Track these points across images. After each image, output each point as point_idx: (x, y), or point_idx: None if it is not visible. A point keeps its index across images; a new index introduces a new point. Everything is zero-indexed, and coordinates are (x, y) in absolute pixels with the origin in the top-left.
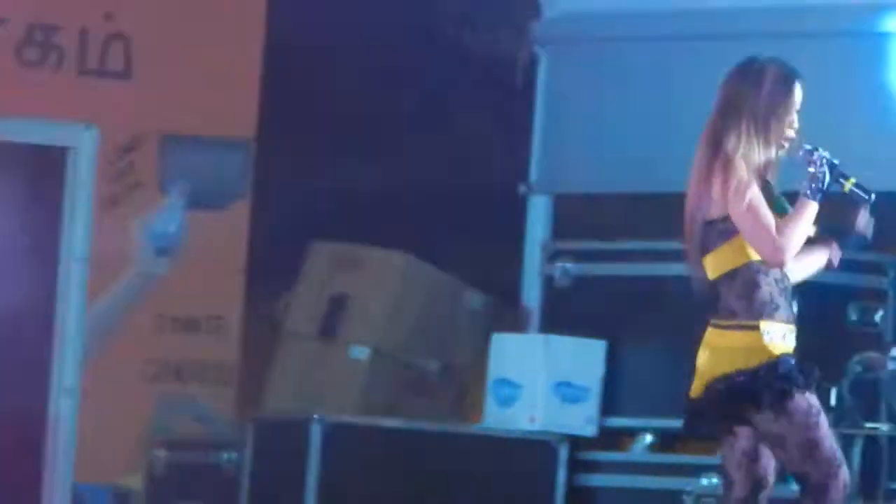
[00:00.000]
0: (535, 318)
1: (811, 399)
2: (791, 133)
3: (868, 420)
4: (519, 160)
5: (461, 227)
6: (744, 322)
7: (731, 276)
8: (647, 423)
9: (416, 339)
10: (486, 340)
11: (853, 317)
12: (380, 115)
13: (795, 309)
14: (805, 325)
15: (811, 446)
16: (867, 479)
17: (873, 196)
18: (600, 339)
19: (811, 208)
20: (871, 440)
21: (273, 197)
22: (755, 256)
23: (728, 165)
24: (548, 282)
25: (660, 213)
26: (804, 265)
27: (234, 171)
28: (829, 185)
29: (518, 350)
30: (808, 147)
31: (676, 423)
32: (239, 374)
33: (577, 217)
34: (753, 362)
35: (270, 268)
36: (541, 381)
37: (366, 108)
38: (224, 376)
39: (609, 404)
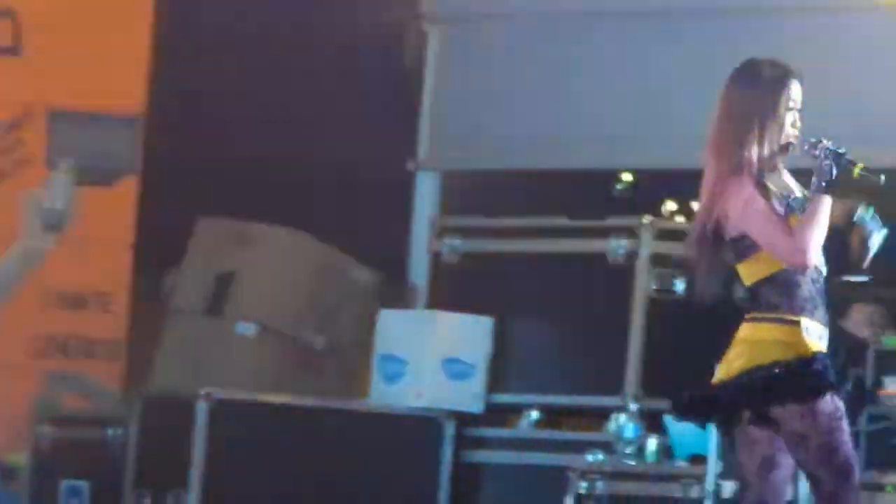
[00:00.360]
0: (422, 294)
1: (837, 402)
2: (794, 132)
3: None
4: (408, 137)
5: (349, 204)
6: (785, 316)
7: (770, 279)
8: (534, 400)
9: (303, 315)
10: (373, 316)
11: (740, 292)
12: (269, 91)
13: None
14: (692, 302)
15: (830, 450)
16: None
17: (883, 178)
18: (487, 316)
19: (825, 203)
20: None
21: (161, 173)
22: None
23: (733, 184)
24: (435, 258)
25: (548, 190)
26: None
27: (123, 147)
28: (837, 175)
29: (405, 326)
30: (812, 140)
31: (563, 400)
32: (126, 351)
33: (465, 194)
34: (791, 355)
35: (158, 244)
36: (428, 358)
37: (255, 86)
38: (111, 353)
39: (496, 381)
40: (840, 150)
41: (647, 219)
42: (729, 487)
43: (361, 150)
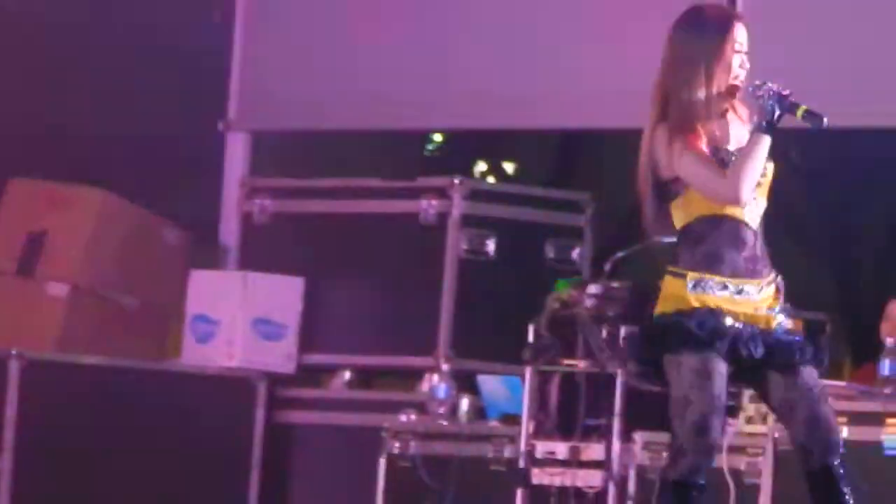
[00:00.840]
0: (233, 255)
1: (710, 361)
2: (742, 73)
3: (565, 356)
4: (218, 97)
5: (160, 165)
6: (677, 269)
7: (685, 230)
8: (346, 360)
9: (114, 275)
10: (184, 277)
11: (550, 254)
12: (78, 49)
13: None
14: (503, 262)
15: (685, 404)
16: (565, 415)
17: (826, 120)
18: (299, 277)
19: (763, 142)
20: (568, 377)
21: None
22: (709, 212)
23: (659, 130)
24: (246, 219)
25: (359, 150)
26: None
27: None
28: (779, 116)
29: (216, 287)
30: (757, 82)
31: (374, 360)
32: None
33: (276, 154)
34: (671, 308)
35: None
36: (239, 318)
37: (62, 44)
38: None
39: (308, 341)
40: (784, 92)
41: (457, 179)
42: (542, 447)
43: (172, 111)
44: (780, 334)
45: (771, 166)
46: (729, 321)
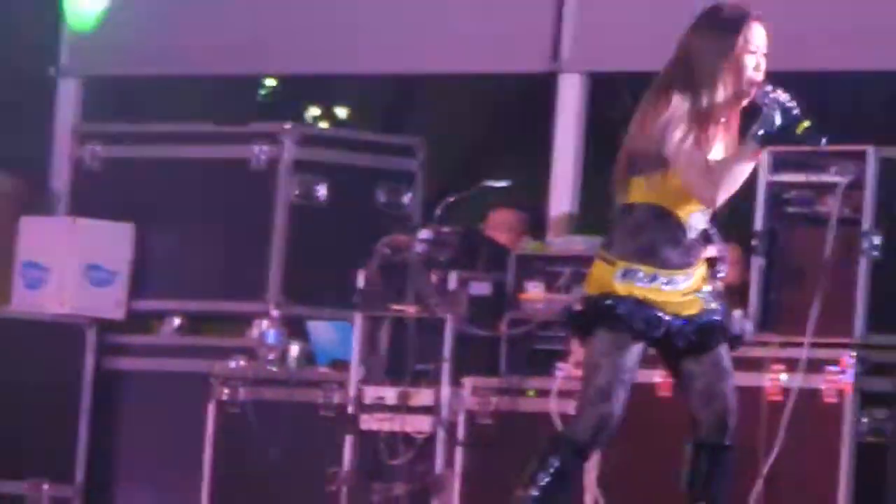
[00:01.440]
0: (64, 201)
1: (627, 340)
2: (756, 75)
3: (395, 302)
4: (50, 43)
5: None
6: (610, 256)
7: (628, 209)
8: (176, 306)
9: None
10: (15, 223)
11: (381, 199)
12: None
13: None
14: (334, 208)
15: (587, 376)
16: (393, 361)
17: (825, 140)
18: (129, 223)
19: (756, 154)
20: (398, 322)
21: None
22: (660, 202)
23: (668, 105)
24: (77, 165)
25: (190, 97)
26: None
27: None
28: (779, 127)
29: (46, 233)
30: (767, 88)
31: (204, 306)
32: None
33: (107, 100)
34: (596, 291)
35: None
36: (69, 265)
37: None
38: None
39: (138, 287)
40: (789, 104)
41: (288, 124)
42: (371, 393)
43: (2, 56)
44: (704, 319)
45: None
46: (658, 312)
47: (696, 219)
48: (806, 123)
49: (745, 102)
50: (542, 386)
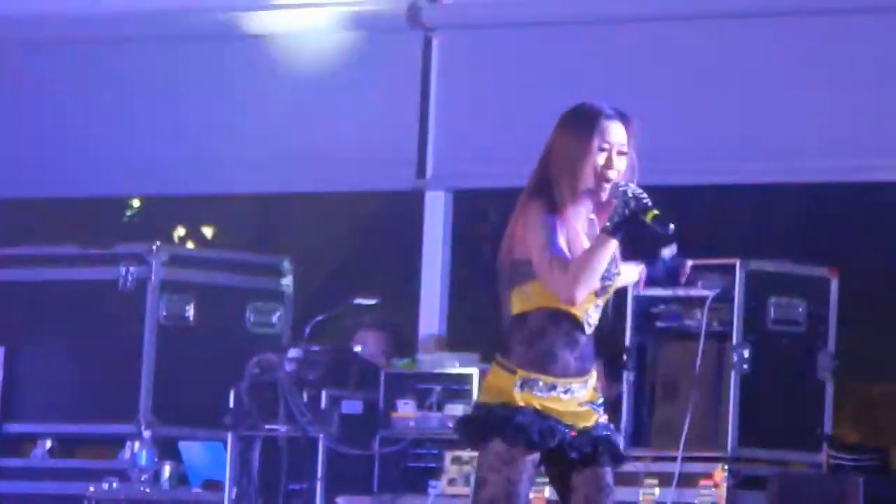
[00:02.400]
0: None
1: (518, 453)
2: (607, 173)
3: (267, 421)
4: None
5: None
6: (509, 364)
7: (522, 318)
8: (47, 429)
9: None
10: None
11: (251, 318)
12: None
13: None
14: (203, 328)
15: (478, 484)
16: (266, 480)
17: (672, 227)
18: None
19: (608, 244)
20: (270, 441)
21: None
22: (551, 304)
23: (528, 208)
24: None
25: (55, 218)
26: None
27: None
28: (628, 218)
29: None
30: (620, 184)
31: (75, 428)
32: None
33: None
34: (494, 400)
35: None
36: None
37: None
38: None
39: (9, 410)
40: (637, 194)
41: (155, 245)
42: None
43: None
44: (599, 430)
45: (623, 272)
46: (554, 423)
47: (591, 315)
48: (655, 212)
49: (603, 198)
50: None
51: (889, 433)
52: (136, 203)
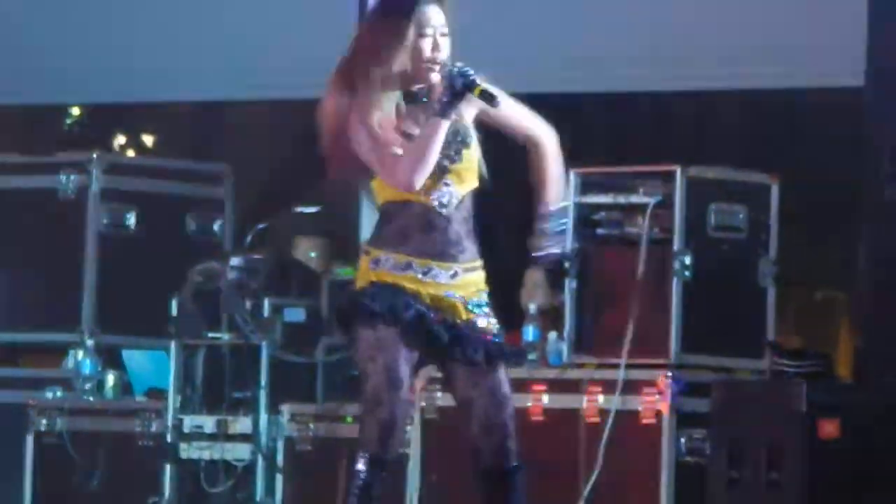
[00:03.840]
0: None
1: (382, 333)
2: (436, 56)
3: (210, 330)
4: None
5: None
6: (366, 246)
7: (379, 208)
8: None
9: None
10: None
11: (192, 226)
12: None
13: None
14: (144, 236)
15: (362, 377)
16: (210, 389)
17: (499, 102)
18: None
19: (438, 125)
20: (214, 350)
21: None
22: (396, 196)
23: (356, 109)
24: None
25: None
26: None
27: None
28: (454, 95)
29: None
30: (448, 65)
31: (18, 337)
32: None
33: None
34: (357, 286)
35: None
36: None
37: None
38: None
39: None
40: (463, 70)
41: (95, 154)
42: (189, 421)
43: None
44: (466, 329)
45: (472, 152)
46: (408, 299)
47: (440, 199)
48: (480, 87)
49: (433, 82)
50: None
51: (831, 339)
52: (76, 111)
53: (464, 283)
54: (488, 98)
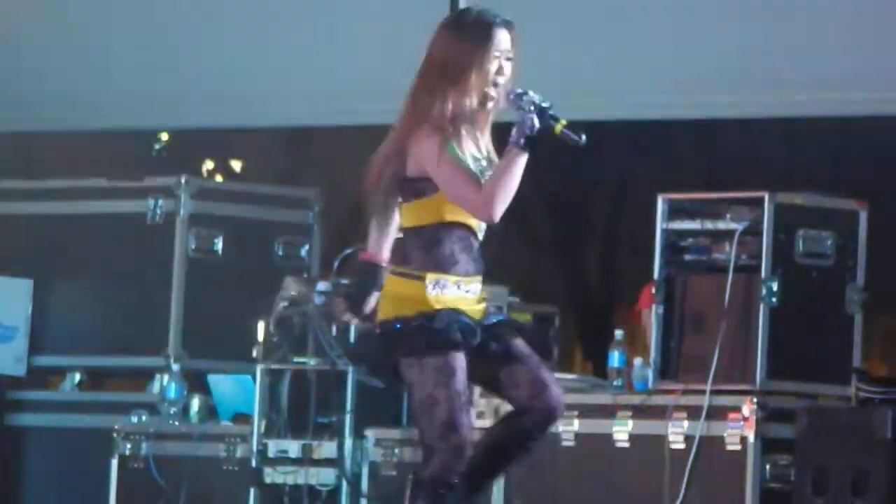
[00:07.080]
0: None
1: (453, 359)
2: (498, 80)
3: (296, 354)
4: None
5: None
6: (413, 271)
7: (417, 230)
8: (76, 362)
9: None
10: None
11: (279, 252)
12: None
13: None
14: (231, 261)
15: (432, 403)
16: (295, 413)
17: (584, 138)
18: (26, 278)
19: (520, 160)
20: (299, 375)
21: None
22: (447, 218)
23: (425, 127)
24: None
25: (84, 151)
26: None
27: None
28: (538, 130)
29: None
30: (518, 91)
31: (104, 361)
32: None
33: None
34: (410, 312)
35: None
36: None
37: None
38: None
39: (37, 343)
40: (544, 105)
41: (184, 178)
42: (274, 446)
43: None
44: (490, 319)
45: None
46: (470, 323)
47: (481, 225)
48: (563, 122)
49: (490, 106)
50: None
51: None
52: (164, 136)
53: (480, 287)
54: (573, 134)
